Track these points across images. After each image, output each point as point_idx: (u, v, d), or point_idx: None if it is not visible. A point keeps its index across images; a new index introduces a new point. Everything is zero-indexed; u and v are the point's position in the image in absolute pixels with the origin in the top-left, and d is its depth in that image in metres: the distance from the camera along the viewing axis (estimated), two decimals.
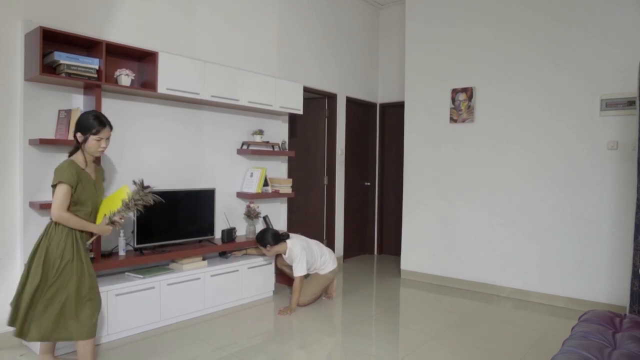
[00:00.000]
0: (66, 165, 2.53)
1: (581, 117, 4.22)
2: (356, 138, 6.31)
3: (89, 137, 2.57)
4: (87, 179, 2.62)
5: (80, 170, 2.58)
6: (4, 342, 3.11)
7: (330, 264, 4.31)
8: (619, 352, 2.02)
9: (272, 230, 4.20)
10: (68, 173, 2.49)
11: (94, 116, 2.62)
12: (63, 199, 2.48)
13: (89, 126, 2.57)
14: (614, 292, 4.05)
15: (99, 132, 2.59)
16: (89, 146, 2.59)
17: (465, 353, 3.18)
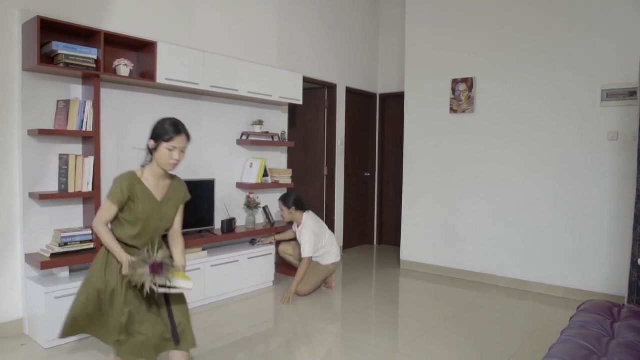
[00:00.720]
0: (120, 178, 2.20)
1: (582, 108, 4.20)
2: (356, 128, 6.29)
3: (160, 145, 2.19)
4: (145, 197, 2.22)
5: (137, 185, 2.20)
6: (5, 332, 3.13)
7: (333, 255, 4.32)
8: (617, 341, 2.03)
9: (298, 196, 4.36)
10: (115, 188, 2.16)
11: (171, 122, 2.24)
12: (103, 213, 2.18)
13: (162, 132, 2.21)
14: (613, 283, 4.07)
15: (172, 140, 2.19)
16: (159, 155, 2.20)
17: (465, 343, 3.20)
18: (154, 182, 2.27)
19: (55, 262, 3.03)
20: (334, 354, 3.06)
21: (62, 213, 3.31)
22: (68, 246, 3.12)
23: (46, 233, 3.23)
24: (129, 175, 2.22)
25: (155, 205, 2.25)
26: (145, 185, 2.24)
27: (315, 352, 3.05)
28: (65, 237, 3.12)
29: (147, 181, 2.25)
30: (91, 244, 3.23)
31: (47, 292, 2.93)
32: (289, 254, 4.48)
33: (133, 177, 2.22)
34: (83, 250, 3.19)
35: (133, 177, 2.22)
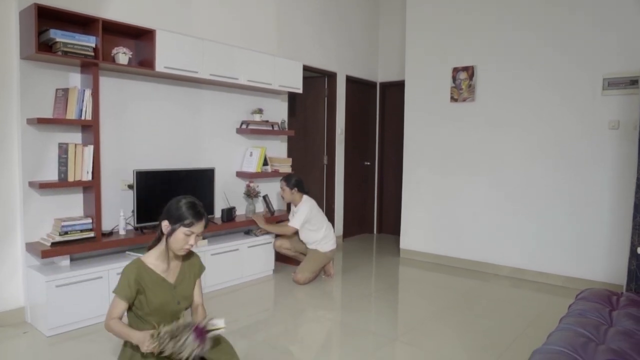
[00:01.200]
0: (126, 270, 2.00)
1: (582, 96, 4.18)
2: (356, 117, 6.27)
3: (178, 229, 2.01)
4: (157, 285, 2.04)
5: (145, 275, 2.02)
6: (7, 320, 3.15)
7: (331, 242, 4.37)
8: (615, 329, 2.04)
9: (300, 178, 4.41)
10: (122, 283, 1.97)
11: (190, 204, 2.04)
12: (112, 309, 1.99)
13: (181, 216, 2.01)
14: (612, 271, 4.08)
15: (192, 225, 2.02)
16: (174, 240, 2.02)
17: (464, 330, 3.22)
18: (164, 267, 2.08)
19: (56, 251, 3.04)
20: (334, 342, 3.08)
21: (62, 202, 3.31)
22: (68, 235, 3.13)
23: (46, 222, 3.23)
24: (135, 265, 2.03)
25: (169, 290, 2.08)
26: (154, 271, 2.05)
27: (315, 340, 3.07)
28: (65, 226, 3.12)
29: (156, 267, 2.06)
30: (91, 232, 3.24)
31: (48, 281, 2.94)
32: (286, 248, 4.46)
33: (140, 266, 2.03)
34: (83, 239, 3.20)
35: (140, 267, 2.03)
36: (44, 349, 2.82)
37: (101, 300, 3.20)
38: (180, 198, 2.08)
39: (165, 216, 2.05)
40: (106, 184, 3.53)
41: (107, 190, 3.53)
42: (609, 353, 1.78)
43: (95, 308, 3.18)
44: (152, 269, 2.05)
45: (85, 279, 3.11)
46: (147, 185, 3.61)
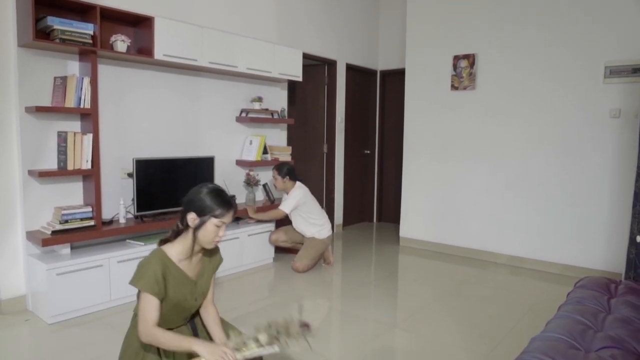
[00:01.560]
0: (150, 263, 1.81)
1: (584, 85, 4.16)
2: (356, 106, 6.25)
3: (207, 221, 1.83)
4: (179, 282, 1.88)
5: (171, 269, 1.85)
6: (9, 308, 3.17)
7: (327, 228, 4.40)
8: (613, 316, 2.05)
9: (292, 166, 4.37)
10: (149, 280, 1.77)
11: (215, 192, 1.88)
12: (147, 312, 1.77)
13: (210, 206, 1.83)
14: (611, 259, 4.10)
15: (222, 216, 1.85)
16: (204, 233, 1.84)
17: (463, 318, 3.24)
18: (186, 261, 1.91)
19: (56, 239, 3.04)
20: (334, 329, 3.10)
21: (62, 190, 3.31)
22: (69, 223, 3.13)
23: (46, 210, 3.23)
24: (159, 257, 1.84)
25: (190, 287, 1.92)
26: (177, 266, 1.88)
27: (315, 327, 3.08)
28: (65, 214, 3.13)
29: (179, 262, 1.89)
30: (92, 221, 3.25)
31: (49, 269, 2.96)
32: (282, 241, 4.45)
33: (164, 259, 1.84)
34: (84, 227, 3.20)
35: (164, 260, 1.84)
36: (46, 337, 2.84)
37: (102, 288, 3.22)
38: (202, 187, 1.91)
39: (190, 207, 1.85)
40: (106, 173, 3.52)
41: (106, 179, 3.53)
42: (606, 340, 1.79)
43: (96, 296, 3.19)
44: (175, 264, 1.87)
45: (85, 267, 3.13)
46: (146, 173, 3.60)
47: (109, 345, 2.73)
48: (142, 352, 1.89)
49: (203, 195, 1.86)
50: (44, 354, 2.63)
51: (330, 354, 2.69)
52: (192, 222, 1.84)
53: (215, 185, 1.94)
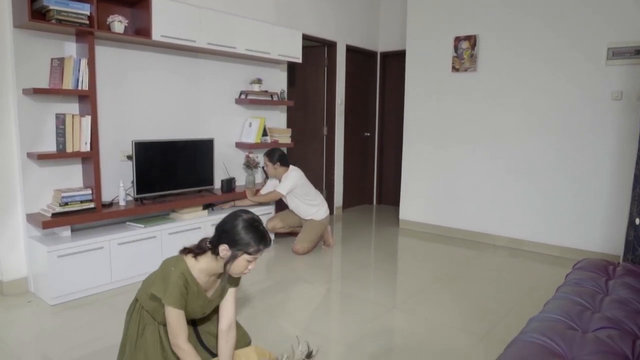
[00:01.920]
0: (174, 278, 1.82)
1: (586, 66, 4.12)
2: (356, 88, 6.20)
3: (239, 256, 1.82)
4: (196, 298, 1.91)
5: (191, 286, 1.87)
6: (11, 290, 3.19)
7: (324, 208, 4.41)
8: (610, 298, 2.06)
9: (283, 151, 4.29)
10: (175, 295, 1.80)
11: (251, 227, 1.83)
12: (177, 326, 1.81)
13: (247, 243, 1.81)
14: (610, 242, 4.11)
15: (256, 253, 1.83)
16: (234, 266, 1.84)
17: (462, 299, 3.27)
18: (207, 279, 1.92)
19: (57, 222, 3.05)
20: (333, 310, 3.13)
21: (61, 173, 3.30)
22: (68, 206, 3.14)
23: (46, 193, 3.24)
24: (182, 272, 1.84)
25: (203, 302, 1.95)
26: (198, 284, 1.89)
27: (314, 308, 3.11)
28: (65, 197, 3.13)
29: (200, 279, 1.89)
30: (91, 203, 3.25)
31: (50, 251, 2.97)
32: (280, 227, 4.45)
33: (186, 274, 1.85)
34: (83, 210, 3.21)
35: (187, 276, 1.85)
36: (48, 318, 2.87)
37: (103, 270, 3.24)
38: (238, 218, 1.84)
39: (224, 239, 1.82)
40: (105, 155, 3.51)
41: (106, 161, 3.53)
42: (603, 321, 1.80)
43: (97, 278, 3.22)
44: (195, 280, 1.87)
45: (86, 249, 3.14)
46: (146, 156, 3.59)
47: (110, 326, 2.75)
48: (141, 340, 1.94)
49: (239, 229, 1.82)
50: (47, 334, 2.66)
51: (330, 334, 2.72)
52: (223, 253, 1.83)
53: (253, 216, 1.88)
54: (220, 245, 1.82)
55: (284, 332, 2.74)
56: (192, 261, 1.88)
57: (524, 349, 1.58)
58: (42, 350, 2.48)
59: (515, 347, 1.61)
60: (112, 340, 2.57)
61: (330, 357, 2.45)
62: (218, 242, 1.84)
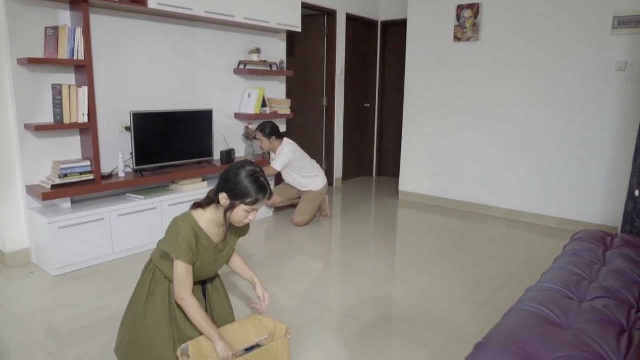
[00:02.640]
0: (183, 232, 1.84)
1: (591, 36, 4.05)
2: (356, 58, 6.11)
3: (237, 205, 1.84)
4: (207, 250, 1.93)
5: (202, 237, 1.90)
6: (14, 261, 3.22)
7: (321, 179, 4.40)
8: (607, 268, 2.08)
9: (274, 124, 4.19)
10: (184, 248, 1.81)
11: (251, 177, 1.84)
12: (183, 279, 1.84)
13: (245, 193, 1.82)
14: (608, 214, 4.13)
15: (255, 203, 1.85)
16: (234, 215, 1.86)
17: (460, 269, 3.30)
18: (215, 230, 1.94)
19: (56, 194, 3.05)
20: (333, 280, 3.17)
21: (60, 144, 3.29)
22: (68, 177, 3.13)
23: (45, 165, 3.23)
24: (191, 226, 1.86)
25: (215, 254, 1.98)
26: (208, 236, 1.92)
27: (314, 279, 3.15)
28: (64, 168, 3.12)
29: (208, 230, 1.92)
30: (91, 175, 3.25)
31: (51, 223, 2.98)
32: (278, 202, 4.46)
33: (195, 228, 1.87)
34: (83, 181, 3.21)
35: (196, 229, 1.88)
36: (51, 288, 2.91)
37: (104, 241, 3.26)
38: (239, 167, 1.87)
39: (224, 188, 1.86)
40: (103, 126, 3.49)
41: (104, 133, 3.50)
42: (600, 290, 1.82)
43: (98, 249, 3.24)
44: (204, 232, 1.91)
45: (87, 220, 3.15)
46: (144, 127, 3.57)
47: (113, 296, 2.79)
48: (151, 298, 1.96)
49: (240, 179, 1.84)
50: (51, 304, 2.70)
51: (330, 304, 2.75)
52: (223, 202, 1.86)
53: (255, 168, 1.89)
54: (221, 193, 1.86)
55: (284, 301, 2.78)
56: (200, 213, 1.91)
57: (520, 317, 1.60)
58: (47, 320, 2.52)
59: (512, 315, 1.63)
60: (116, 310, 2.61)
61: (329, 326, 2.49)
62: (219, 190, 1.87)
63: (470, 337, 2.40)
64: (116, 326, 2.41)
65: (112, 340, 2.27)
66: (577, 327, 1.55)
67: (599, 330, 1.50)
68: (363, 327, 2.49)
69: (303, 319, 2.57)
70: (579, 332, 1.50)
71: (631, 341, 1.46)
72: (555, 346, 1.41)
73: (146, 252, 3.50)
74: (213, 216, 1.91)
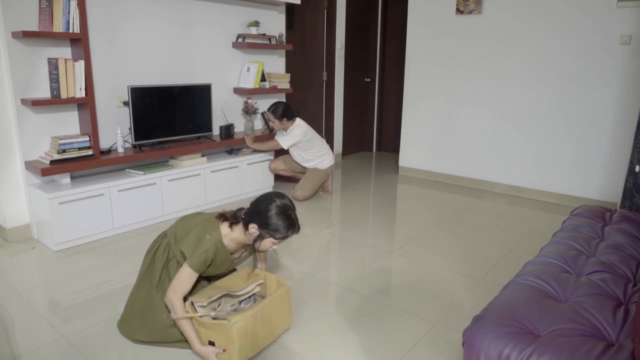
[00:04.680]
0: (205, 247, 1.91)
1: (596, 9, 3.97)
2: (356, 31, 6.02)
3: (266, 238, 1.90)
4: (223, 262, 2.02)
5: (221, 252, 1.97)
6: (15, 236, 3.24)
7: (329, 158, 4.39)
8: (605, 243, 2.09)
9: (286, 104, 4.18)
10: (200, 259, 1.89)
11: (284, 214, 1.88)
12: (181, 283, 1.90)
13: (276, 228, 1.88)
14: (608, 190, 4.13)
15: (283, 239, 1.92)
16: (260, 245, 1.92)
17: (459, 244, 3.32)
18: (235, 247, 2.04)
19: (56, 169, 3.05)
20: (332, 254, 3.19)
21: (58, 120, 3.26)
22: (67, 153, 3.12)
23: (43, 140, 3.21)
24: (215, 243, 1.93)
25: (229, 265, 2.08)
26: (227, 251, 2.00)
27: (313, 253, 3.17)
28: (63, 144, 3.11)
29: (230, 247, 2.00)
30: (89, 150, 3.23)
31: (51, 198, 2.98)
32: (281, 169, 4.48)
33: (219, 245, 1.94)
34: (82, 157, 3.20)
35: (219, 246, 1.94)
36: (53, 263, 2.93)
37: (104, 216, 3.27)
38: (272, 202, 1.89)
39: (255, 219, 1.90)
40: (101, 101, 3.46)
41: (102, 108, 3.47)
42: (597, 265, 1.84)
43: (99, 224, 3.25)
44: (226, 248, 1.98)
45: (86, 196, 3.16)
46: (143, 102, 3.54)
47: (114, 271, 2.81)
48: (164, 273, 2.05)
49: (271, 215, 1.88)
50: (53, 279, 2.72)
51: (329, 277, 2.78)
52: (252, 231, 1.91)
53: (286, 202, 1.92)
54: (251, 223, 1.91)
55: (284, 275, 2.81)
56: (227, 230, 1.97)
57: (518, 291, 1.62)
58: (50, 294, 2.55)
59: (510, 289, 1.65)
60: (117, 284, 2.63)
61: (329, 300, 2.52)
62: (250, 220, 1.92)
63: (468, 310, 2.43)
64: (118, 300, 2.44)
65: (114, 313, 2.30)
66: (574, 300, 1.56)
67: (596, 304, 1.51)
68: (363, 300, 2.52)
69: (303, 293, 2.59)
70: (576, 305, 1.51)
71: (627, 314, 1.48)
72: (553, 319, 1.43)
73: (146, 228, 3.51)
74: (238, 237, 1.98)
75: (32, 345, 2.07)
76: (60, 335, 2.14)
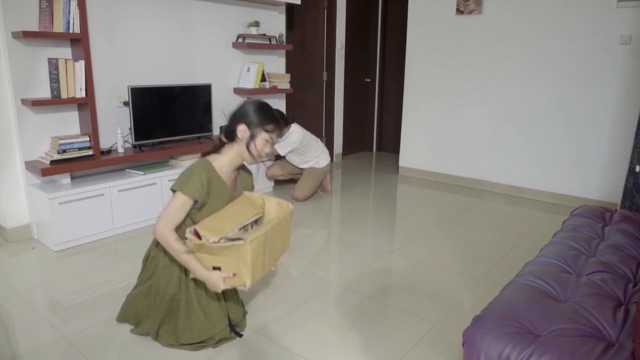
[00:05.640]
0: (196, 169, 1.82)
1: (596, 9, 3.97)
2: (357, 31, 6.02)
3: (258, 134, 1.86)
4: (221, 193, 1.91)
5: (215, 179, 1.87)
6: (15, 236, 3.24)
7: (325, 157, 4.39)
8: (605, 243, 2.09)
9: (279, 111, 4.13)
10: (194, 183, 1.79)
11: (266, 108, 1.90)
12: (174, 213, 1.79)
13: (263, 119, 1.87)
14: (608, 190, 4.13)
15: (273, 131, 1.90)
16: (255, 146, 1.88)
17: (459, 244, 3.32)
18: (228, 175, 1.95)
19: (56, 169, 3.05)
20: (332, 254, 3.19)
21: (58, 120, 3.26)
22: (67, 153, 3.12)
23: (43, 140, 3.21)
24: (205, 165, 1.85)
25: (228, 199, 1.96)
26: (222, 179, 1.91)
27: (314, 253, 3.17)
28: (63, 144, 3.11)
29: (222, 173, 1.92)
30: (90, 150, 3.23)
31: (51, 198, 2.98)
32: (280, 175, 4.48)
33: (210, 168, 1.86)
34: (82, 157, 3.20)
35: (210, 169, 1.86)
36: (53, 263, 2.93)
37: (105, 216, 3.27)
38: (250, 103, 1.90)
39: (241, 120, 1.87)
40: (101, 101, 3.46)
41: (102, 108, 3.48)
42: (597, 265, 1.84)
43: (99, 224, 3.25)
44: (220, 176, 1.89)
45: (87, 196, 3.16)
46: (143, 102, 3.54)
47: (114, 271, 2.81)
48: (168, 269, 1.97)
49: (253, 110, 1.89)
50: (53, 279, 2.72)
51: (329, 277, 2.78)
52: (242, 134, 1.88)
53: (263, 101, 1.96)
54: (239, 126, 1.87)
55: (284, 275, 2.81)
56: (213, 158, 1.92)
57: (518, 291, 1.62)
58: (50, 294, 2.55)
59: (510, 289, 1.65)
60: (118, 284, 2.63)
61: (329, 300, 2.52)
62: (235, 125, 1.88)
63: (468, 310, 2.43)
64: (118, 300, 2.44)
65: (114, 313, 2.30)
66: (574, 300, 1.56)
67: (596, 304, 1.51)
68: (363, 300, 2.51)
69: (303, 293, 2.59)
70: (576, 305, 1.51)
71: (627, 314, 1.48)
72: (553, 319, 1.43)
73: (146, 228, 3.51)
74: (229, 157, 1.93)
75: (32, 345, 2.07)
76: (60, 335, 2.14)
